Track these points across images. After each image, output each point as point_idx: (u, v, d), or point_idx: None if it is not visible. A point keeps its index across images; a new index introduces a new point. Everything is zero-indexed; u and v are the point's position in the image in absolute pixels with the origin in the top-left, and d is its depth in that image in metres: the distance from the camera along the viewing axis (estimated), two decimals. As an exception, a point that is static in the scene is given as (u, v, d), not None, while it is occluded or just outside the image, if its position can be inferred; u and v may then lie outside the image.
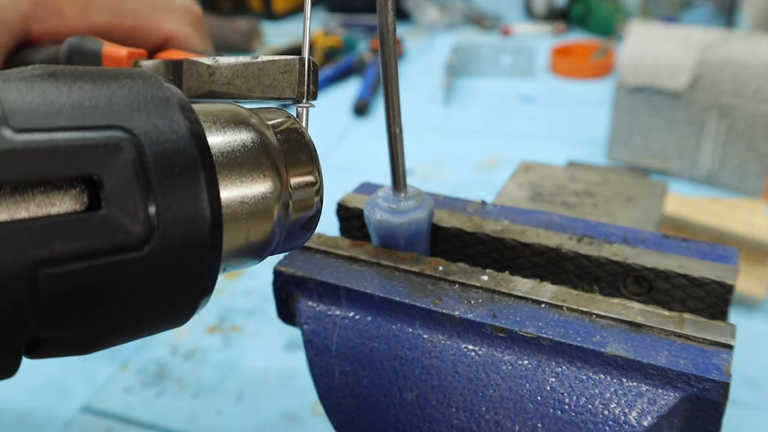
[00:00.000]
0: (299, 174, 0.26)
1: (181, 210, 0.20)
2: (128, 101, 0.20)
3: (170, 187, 0.19)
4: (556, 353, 0.29)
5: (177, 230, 0.20)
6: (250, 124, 0.25)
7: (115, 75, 0.21)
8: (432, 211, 0.36)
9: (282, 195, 0.24)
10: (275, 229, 0.25)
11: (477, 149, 1.14)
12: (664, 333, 0.29)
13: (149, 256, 0.19)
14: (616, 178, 0.56)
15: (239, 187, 0.23)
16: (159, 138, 0.20)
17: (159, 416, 0.64)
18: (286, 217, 0.25)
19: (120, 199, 0.19)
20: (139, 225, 0.19)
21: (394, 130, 0.33)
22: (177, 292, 0.21)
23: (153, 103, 0.20)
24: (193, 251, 0.20)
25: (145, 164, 0.19)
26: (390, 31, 0.31)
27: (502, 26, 1.78)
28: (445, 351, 0.31)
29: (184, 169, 0.20)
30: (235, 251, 0.23)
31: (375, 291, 0.33)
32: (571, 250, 0.34)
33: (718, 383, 0.27)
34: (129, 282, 0.19)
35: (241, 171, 0.23)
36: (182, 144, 0.20)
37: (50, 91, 0.18)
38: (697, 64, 0.92)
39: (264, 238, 0.24)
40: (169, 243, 0.19)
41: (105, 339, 0.20)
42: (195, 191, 0.20)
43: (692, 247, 0.34)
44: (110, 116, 0.19)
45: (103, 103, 0.19)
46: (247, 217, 0.23)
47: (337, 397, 0.33)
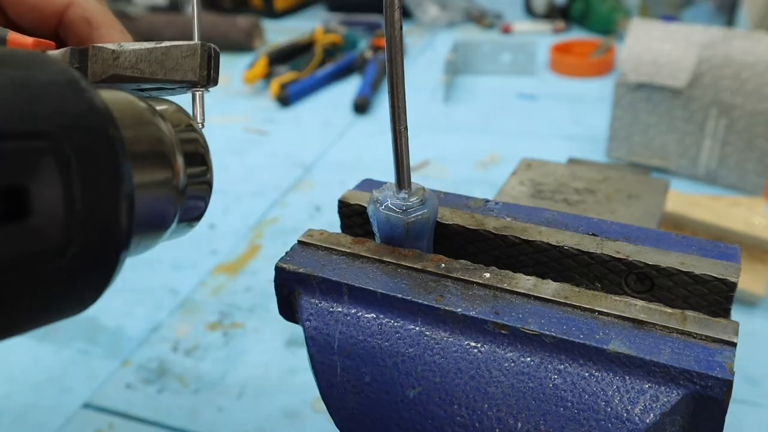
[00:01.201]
0: (192, 160, 0.28)
1: (101, 215, 0.20)
2: (47, 101, 0.19)
3: (91, 192, 0.20)
4: (559, 350, 0.29)
5: (95, 235, 0.20)
6: (150, 118, 0.25)
7: (29, 66, 0.20)
8: (436, 209, 0.36)
9: (178, 181, 0.26)
10: (172, 214, 0.26)
11: (477, 146, 1.14)
12: (667, 330, 0.29)
13: (67, 263, 0.19)
14: (617, 176, 0.56)
15: (145, 181, 0.24)
16: (81, 143, 0.20)
17: (160, 413, 0.64)
18: (181, 199, 0.27)
19: (45, 207, 0.18)
20: (62, 233, 0.19)
21: (399, 127, 0.33)
22: (88, 291, 0.21)
23: (69, 101, 0.20)
24: (108, 253, 0.21)
25: (69, 172, 0.19)
26: (396, 28, 0.31)
27: (503, 24, 1.78)
28: (448, 348, 0.31)
29: (105, 174, 0.20)
30: (139, 241, 0.24)
31: (377, 288, 0.33)
32: (574, 248, 0.34)
33: (721, 380, 0.27)
34: (44, 289, 0.19)
35: (146, 164, 0.24)
36: (102, 147, 0.20)
37: None
38: (697, 62, 0.92)
39: (162, 224, 0.26)
40: (87, 248, 0.20)
41: (9, 335, 0.20)
42: (115, 196, 0.21)
43: (694, 245, 0.34)
44: (34, 123, 0.19)
45: (26, 107, 0.19)
46: (150, 208, 0.24)
47: (339, 394, 0.33)
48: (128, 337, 0.74)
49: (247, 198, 1.03)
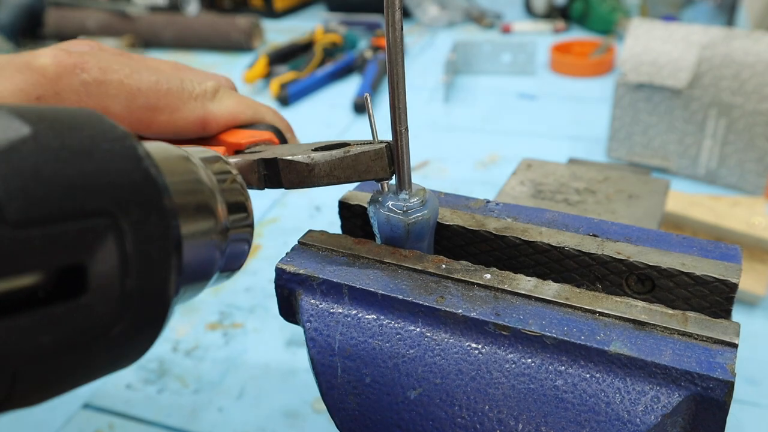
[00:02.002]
0: (235, 210, 0.28)
1: (152, 287, 0.20)
2: (108, 175, 0.19)
3: (145, 267, 0.20)
4: (560, 351, 0.29)
5: (145, 307, 0.20)
6: (197, 173, 0.26)
7: (89, 132, 0.20)
8: (437, 209, 0.36)
9: (221, 231, 0.26)
10: (215, 267, 0.26)
11: (477, 147, 1.14)
12: (668, 331, 0.29)
13: (116, 335, 0.20)
14: (617, 176, 0.56)
15: (191, 236, 0.24)
16: (138, 218, 0.20)
17: (160, 413, 0.64)
18: (223, 249, 0.27)
19: (100, 284, 0.19)
20: (114, 308, 0.19)
21: (400, 128, 0.33)
22: (134, 353, 0.22)
23: (128, 173, 0.20)
24: (155, 320, 0.21)
25: (125, 248, 0.19)
26: (397, 29, 0.31)
27: (503, 24, 1.78)
28: (448, 349, 0.31)
29: (158, 247, 0.20)
30: (182, 291, 0.25)
31: (378, 289, 0.33)
32: (574, 249, 0.34)
33: (723, 382, 0.27)
34: (96, 356, 0.20)
35: (193, 219, 0.24)
36: (157, 221, 0.20)
37: (40, 170, 0.18)
38: (697, 62, 0.92)
39: (204, 278, 0.26)
40: (136, 319, 0.20)
41: (57, 396, 0.20)
42: (166, 268, 0.21)
43: (695, 245, 0.34)
44: (96, 199, 0.19)
45: (89, 183, 0.19)
46: (194, 265, 0.24)
47: (340, 395, 0.33)
48: (128, 337, 0.74)
49: (247, 198, 1.03)
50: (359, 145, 0.35)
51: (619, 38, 1.54)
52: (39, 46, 1.79)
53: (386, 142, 0.35)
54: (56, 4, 1.81)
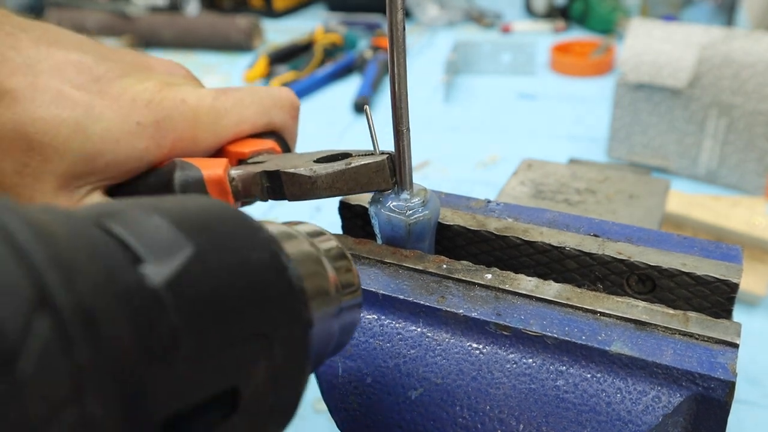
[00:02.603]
0: (347, 288, 0.27)
1: (288, 400, 0.20)
2: (259, 291, 0.19)
3: (286, 382, 0.20)
4: (561, 351, 0.29)
5: (279, 417, 0.20)
6: (323, 264, 0.25)
7: (239, 241, 0.20)
8: (438, 210, 0.36)
9: (337, 309, 0.25)
10: (333, 344, 0.26)
11: (477, 147, 1.14)
12: (669, 331, 0.29)
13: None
14: (617, 176, 0.56)
15: (319, 329, 0.23)
16: (284, 334, 0.20)
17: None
18: (338, 329, 0.26)
19: (251, 405, 0.19)
20: (257, 425, 0.19)
21: (401, 128, 0.33)
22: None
23: (275, 286, 0.20)
24: (281, 427, 0.21)
25: (276, 367, 0.19)
26: (399, 29, 0.31)
27: (502, 24, 1.78)
28: (449, 349, 0.31)
29: (297, 361, 0.20)
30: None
31: (379, 289, 0.33)
32: (575, 249, 0.34)
33: (724, 382, 0.27)
34: None
35: (319, 308, 0.23)
36: (298, 334, 0.20)
37: (208, 297, 0.17)
38: (697, 62, 0.92)
39: (321, 359, 0.26)
40: (268, 429, 0.20)
41: None
42: (301, 384, 0.21)
43: (696, 246, 0.34)
44: (253, 323, 0.18)
45: (246, 306, 0.18)
46: (317, 352, 0.24)
47: (341, 395, 0.33)
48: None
49: (247, 198, 1.03)
50: (361, 157, 0.35)
51: (619, 38, 1.54)
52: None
53: (387, 154, 0.35)
54: (56, 5, 1.81)
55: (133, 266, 0.16)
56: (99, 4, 1.83)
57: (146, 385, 0.15)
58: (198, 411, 0.17)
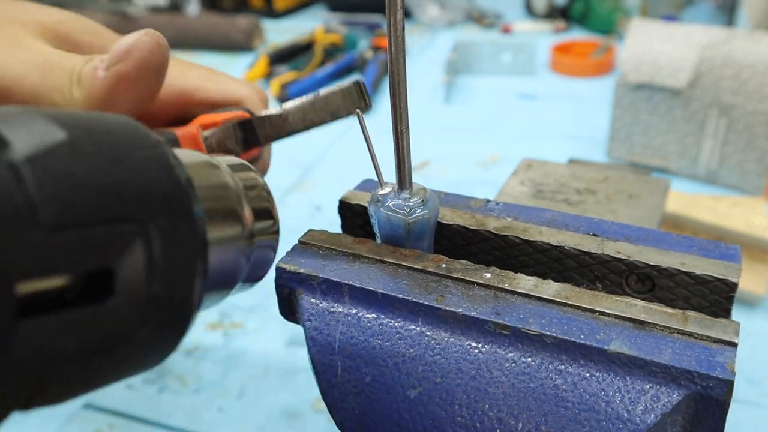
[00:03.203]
0: (261, 217, 0.28)
1: (177, 294, 0.21)
2: (139, 183, 0.20)
3: (171, 273, 0.20)
4: (560, 350, 0.29)
5: (169, 313, 0.21)
6: (225, 180, 0.26)
7: (124, 140, 0.20)
8: (437, 209, 0.36)
9: (246, 237, 0.26)
10: (240, 274, 0.26)
11: (478, 147, 1.14)
12: (668, 330, 0.29)
13: (141, 338, 0.20)
14: (617, 176, 0.56)
15: (216, 243, 0.24)
16: (166, 225, 0.20)
17: (160, 413, 0.64)
18: (249, 255, 0.27)
19: (127, 289, 0.19)
20: (139, 314, 0.19)
21: (401, 128, 0.33)
22: (156, 356, 0.22)
23: (159, 181, 0.20)
24: (179, 326, 0.22)
25: (153, 256, 0.19)
26: (399, 29, 0.31)
27: (503, 24, 1.78)
28: (448, 348, 0.31)
29: (185, 254, 0.21)
30: (206, 297, 0.25)
31: (378, 288, 0.33)
32: (574, 248, 0.34)
33: (722, 381, 0.27)
34: (119, 359, 0.20)
35: (219, 226, 0.24)
36: (185, 228, 0.21)
37: (74, 175, 0.18)
38: (697, 62, 0.92)
39: (229, 284, 0.26)
40: (160, 326, 0.20)
41: (80, 396, 0.21)
42: (192, 275, 0.21)
43: (695, 245, 0.34)
44: (126, 206, 0.19)
45: (120, 190, 0.19)
46: (219, 269, 0.24)
47: (340, 394, 0.33)
48: (128, 337, 0.74)
49: (248, 198, 1.03)
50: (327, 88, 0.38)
51: (620, 38, 1.54)
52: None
53: (356, 81, 0.37)
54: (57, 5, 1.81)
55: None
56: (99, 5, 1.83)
57: (4, 252, 0.15)
58: (71, 290, 0.18)
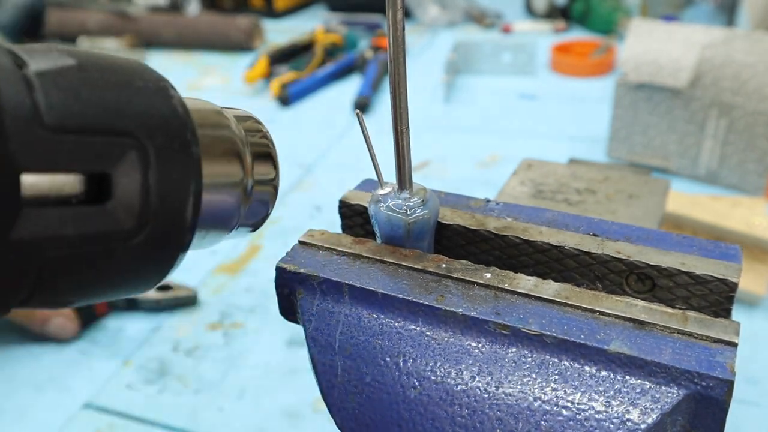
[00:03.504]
0: (261, 163, 0.29)
1: (170, 207, 0.23)
2: (139, 104, 0.22)
3: (164, 186, 0.22)
4: (560, 350, 0.29)
5: (163, 224, 0.22)
6: (225, 122, 0.27)
7: (129, 71, 0.23)
8: (437, 209, 0.36)
9: (245, 183, 0.28)
10: (237, 214, 0.28)
11: (478, 147, 1.14)
12: (668, 330, 0.29)
13: (136, 246, 0.22)
14: (617, 176, 0.56)
15: (215, 180, 0.26)
16: (161, 143, 0.22)
17: (160, 413, 0.64)
18: (247, 199, 0.28)
19: (123, 194, 0.21)
20: (135, 219, 0.21)
21: (401, 128, 0.33)
22: (152, 272, 0.24)
23: (157, 106, 0.23)
24: (173, 240, 0.23)
25: (147, 167, 0.22)
26: (399, 29, 0.31)
27: (503, 24, 1.78)
28: (448, 348, 0.31)
29: (178, 171, 0.23)
30: (204, 235, 0.27)
31: (378, 288, 0.33)
32: (574, 248, 0.34)
33: (722, 381, 0.27)
34: (113, 265, 0.22)
35: (218, 164, 0.26)
36: (179, 148, 0.23)
37: (79, 90, 0.20)
38: (698, 62, 0.92)
39: (226, 223, 0.28)
40: (154, 234, 0.22)
41: (79, 302, 0.22)
42: (185, 191, 0.23)
43: (695, 245, 0.34)
44: (124, 122, 0.21)
45: (120, 108, 0.21)
46: (217, 206, 0.26)
47: (340, 394, 0.33)
48: (129, 337, 0.74)
49: (248, 198, 1.03)
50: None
51: (620, 38, 1.54)
52: (40, 46, 1.80)
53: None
54: (57, 4, 1.81)
55: (15, 64, 0.19)
56: (100, 4, 1.83)
57: (12, 144, 0.18)
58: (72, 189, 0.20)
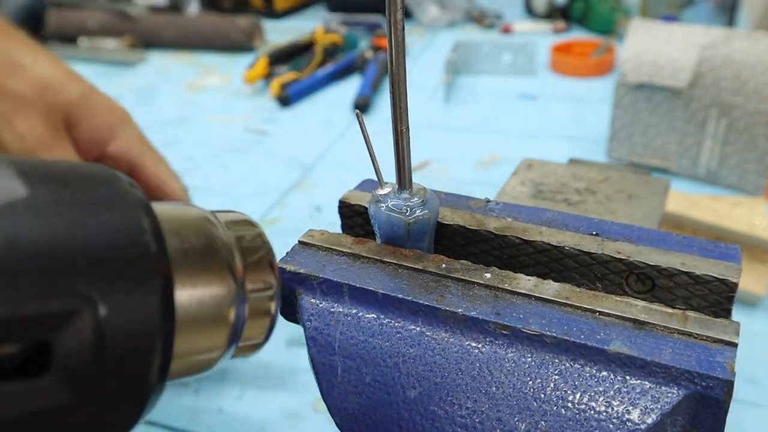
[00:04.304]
0: (256, 278, 0.26)
1: (129, 375, 0.19)
2: (98, 250, 0.18)
3: (122, 355, 0.18)
4: (560, 350, 0.29)
5: (118, 395, 0.19)
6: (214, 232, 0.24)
7: (91, 210, 0.19)
8: (437, 209, 0.36)
9: (237, 300, 0.24)
10: (228, 340, 0.24)
11: (478, 147, 1.14)
12: (668, 330, 0.29)
13: (82, 420, 0.18)
14: (617, 176, 0.56)
15: (193, 312, 0.22)
16: (122, 300, 0.18)
17: (160, 413, 0.64)
18: (239, 324, 0.24)
19: (67, 366, 0.18)
20: (80, 392, 0.18)
21: (401, 128, 0.33)
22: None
23: (123, 248, 0.19)
24: (129, 412, 0.20)
25: (101, 332, 0.18)
26: (398, 29, 0.31)
27: (503, 24, 1.78)
28: (448, 348, 0.31)
29: (143, 333, 0.19)
30: (182, 369, 0.23)
31: (378, 288, 0.33)
32: (574, 248, 0.34)
33: (722, 381, 0.27)
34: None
35: (201, 290, 0.22)
36: (147, 308, 0.19)
37: (19, 240, 0.17)
38: (697, 62, 0.92)
39: (212, 349, 0.24)
40: (106, 407, 0.19)
41: None
42: (149, 358, 0.19)
43: (695, 245, 0.34)
44: (71, 277, 0.18)
45: (69, 257, 0.18)
46: (196, 338, 0.23)
47: (340, 395, 0.33)
48: (128, 337, 0.74)
49: (248, 198, 1.03)
50: None
51: (620, 38, 1.54)
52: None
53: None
54: (57, 5, 1.81)
55: None
56: (100, 5, 1.83)
57: None
58: (6, 361, 0.17)
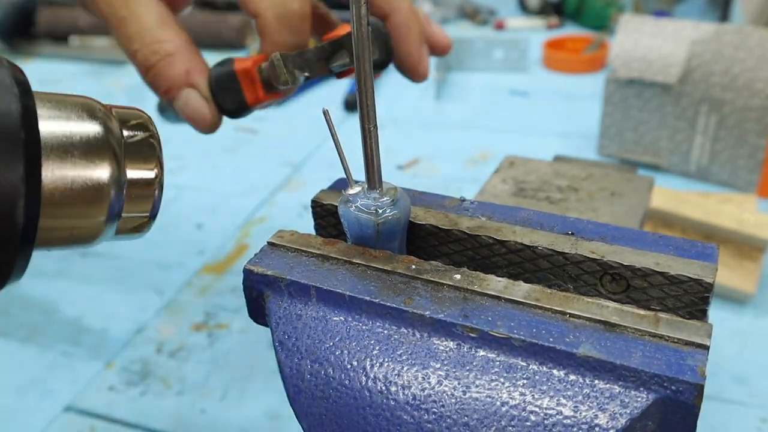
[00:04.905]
0: (139, 167, 0.27)
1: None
2: None
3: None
4: (528, 354, 0.29)
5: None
6: (96, 115, 0.25)
7: None
8: (408, 209, 0.35)
9: (115, 184, 0.25)
10: (106, 217, 0.25)
11: (468, 144, 1.13)
12: (639, 333, 0.29)
13: None
14: (601, 173, 0.55)
15: (66, 184, 0.23)
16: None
17: (142, 415, 0.63)
18: (118, 207, 0.26)
19: None
20: None
21: (368, 126, 0.33)
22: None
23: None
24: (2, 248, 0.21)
25: None
26: (363, 24, 0.30)
27: (496, 20, 1.77)
28: (416, 352, 0.30)
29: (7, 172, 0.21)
30: (57, 237, 0.24)
31: (345, 290, 0.32)
32: (548, 248, 0.34)
33: (692, 385, 0.26)
34: None
35: (71, 160, 0.24)
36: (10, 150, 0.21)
37: None
38: (687, 57, 0.91)
39: (93, 223, 0.25)
40: None
41: None
42: (14, 198, 0.21)
43: (671, 245, 0.34)
44: None
45: None
46: (72, 205, 0.24)
47: (307, 399, 0.32)
48: (112, 338, 0.73)
49: (236, 197, 1.02)
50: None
51: (613, 34, 1.53)
52: (32, 45, 1.79)
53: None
54: (48, 3, 1.80)
55: None
56: (91, 3, 1.82)
57: None
58: None
